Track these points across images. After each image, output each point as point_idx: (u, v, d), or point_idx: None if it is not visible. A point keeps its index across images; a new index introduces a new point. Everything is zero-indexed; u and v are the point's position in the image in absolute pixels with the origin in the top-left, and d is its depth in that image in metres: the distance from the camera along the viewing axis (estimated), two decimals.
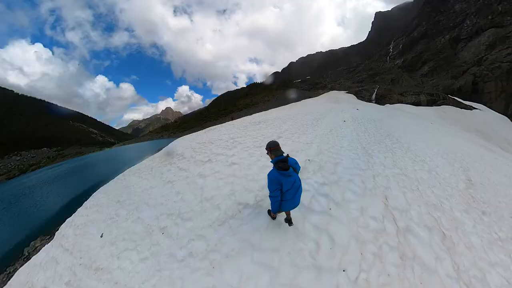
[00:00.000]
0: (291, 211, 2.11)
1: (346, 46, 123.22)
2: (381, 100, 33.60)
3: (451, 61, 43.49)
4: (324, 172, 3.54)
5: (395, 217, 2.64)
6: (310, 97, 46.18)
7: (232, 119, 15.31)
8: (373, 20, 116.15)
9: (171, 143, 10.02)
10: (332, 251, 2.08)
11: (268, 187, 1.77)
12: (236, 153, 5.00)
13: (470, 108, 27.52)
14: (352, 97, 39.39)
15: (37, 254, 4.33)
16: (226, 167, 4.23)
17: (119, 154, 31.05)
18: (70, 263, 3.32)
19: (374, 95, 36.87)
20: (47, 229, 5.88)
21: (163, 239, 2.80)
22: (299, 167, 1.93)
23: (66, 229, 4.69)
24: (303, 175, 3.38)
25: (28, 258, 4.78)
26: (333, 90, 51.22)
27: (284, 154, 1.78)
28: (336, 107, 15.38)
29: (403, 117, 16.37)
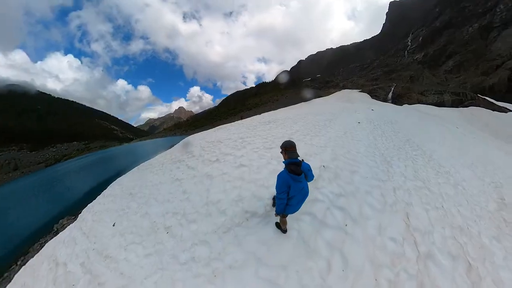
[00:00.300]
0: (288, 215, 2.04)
1: (359, 41, 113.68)
2: (398, 100, 31.12)
3: (481, 54, 36.42)
4: (340, 182, 3.25)
5: (416, 240, 2.34)
6: (320, 97, 44.45)
7: (241, 118, 15.21)
8: (387, 10, 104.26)
9: (182, 141, 10.35)
10: (344, 273, 1.88)
11: (276, 187, 1.70)
12: (245, 154, 4.83)
13: (505, 110, 23.46)
14: (366, 96, 37.07)
15: (63, 231, 4.81)
16: (234, 169, 4.09)
17: (136, 148, 34.05)
18: (86, 246, 3.56)
19: (390, 94, 34.29)
20: (73, 210, 6.43)
21: (168, 239, 2.81)
22: (312, 176, 1.81)
23: (86, 214, 5.03)
24: (318, 184, 3.13)
25: (56, 233, 5.52)
26: (345, 89, 48.66)
27: (299, 158, 1.67)
28: (349, 107, 14.53)
29: (423, 119, 14.93)
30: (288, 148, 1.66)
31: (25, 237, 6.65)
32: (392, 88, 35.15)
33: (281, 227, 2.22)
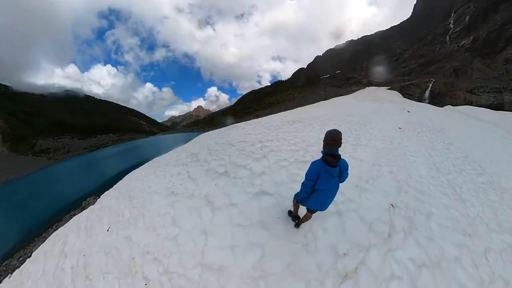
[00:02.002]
0: (312, 215, 1.81)
1: (384, 28, 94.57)
2: (438, 100, 26.01)
3: None
4: (419, 237, 2.09)
5: None
6: (341, 95, 40.38)
7: (257, 117, 14.09)
8: None
9: (194, 139, 9.76)
10: None
11: (305, 174, 1.52)
12: (266, 169, 3.27)
13: None
14: (396, 95, 32.11)
15: (86, 210, 5.08)
16: (250, 199, 2.60)
17: (158, 141, 38.11)
18: (82, 245, 3.41)
19: (427, 93, 28.96)
20: (98, 191, 6.89)
21: None
22: (347, 175, 1.52)
23: (98, 204, 5.00)
24: (390, 242, 2.01)
25: (83, 209, 6.07)
26: (370, 86, 43.27)
27: (339, 153, 1.46)
28: (381, 108, 12.25)
29: (475, 127, 11.67)
30: (330, 141, 1.39)
31: (62, 207, 8.15)
32: (430, 85, 29.62)
33: (293, 215, 2.07)
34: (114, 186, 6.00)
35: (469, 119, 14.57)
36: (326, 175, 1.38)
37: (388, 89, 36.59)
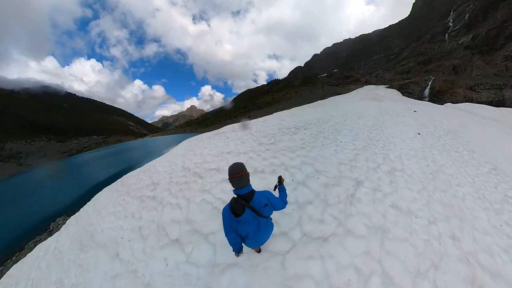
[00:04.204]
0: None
1: (383, 27, 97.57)
2: (438, 98, 26.43)
3: None
4: None
5: None
6: (339, 94, 40.41)
7: (250, 118, 12.99)
8: None
9: (181, 143, 8.38)
10: None
11: (223, 226, 1.31)
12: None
13: None
14: (395, 93, 32.44)
15: (51, 237, 4.58)
16: None
17: (149, 144, 36.30)
18: (47, 284, 2.79)
19: (427, 90, 29.41)
20: (71, 209, 6.55)
21: None
22: (271, 210, 1.26)
23: (60, 235, 4.34)
24: None
25: (50, 233, 5.74)
26: (368, 85, 43.68)
27: (250, 189, 1.24)
28: (387, 108, 11.78)
29: (484, 127, 11.52)
30: (231, 176, 1.19)
31: (28, 229, 7.34)
32: (430, 83, 30.11)
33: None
34: (88, 204, 5.25)
35: (473, 117, 14.52)
36: (238, 223, 1.22)
37: (387, 87, 37.06)
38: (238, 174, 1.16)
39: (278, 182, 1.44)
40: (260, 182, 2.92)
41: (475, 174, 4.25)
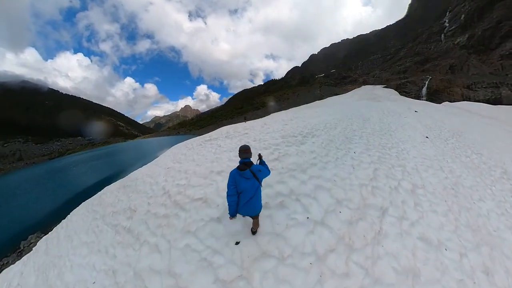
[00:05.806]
0: (254, 220, 2.00)
1: (380, 28, 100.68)
2: (435, 96, 26.93)
3: None
4: None
5: None
6: (336, 94, 40.67)
7: (245, 120, 12.49)
8: None
9: (167, 151, 7.68)
10: None
11: (227, 186, 1.81)
12: None
13: None
14: (393, 93, 32.93)
15: (20, 261, 4.22)
16: None
17: (140, 146, 34.76)
18: None
19: (424, 90, 30.00)
20: (45, 225, 5.99)
21: None
22: (263, 175, 1.84)
23: (43, 243, 4.17)
24: None
25: (20, 254, 5.39)
26: (366, 85, 44.26)
27: (253, 160, 1.88)
28: (388, 109, 11.65)
29: (485, 126, 11.60)
30: (242, 151, 1.83)
31: None
32: (427, 82, 30.74)
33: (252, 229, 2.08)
34: (48, 235, 4.54)
35: (473, 116, 14.73)
36: (241, 178, 1.72)
37: (384, 87, 37.58)
38: (246, 150, 1.80)
39: (259, 158, 2.03)
40: (264, 220, 2.14)
41: (491, 183, 4.05)
